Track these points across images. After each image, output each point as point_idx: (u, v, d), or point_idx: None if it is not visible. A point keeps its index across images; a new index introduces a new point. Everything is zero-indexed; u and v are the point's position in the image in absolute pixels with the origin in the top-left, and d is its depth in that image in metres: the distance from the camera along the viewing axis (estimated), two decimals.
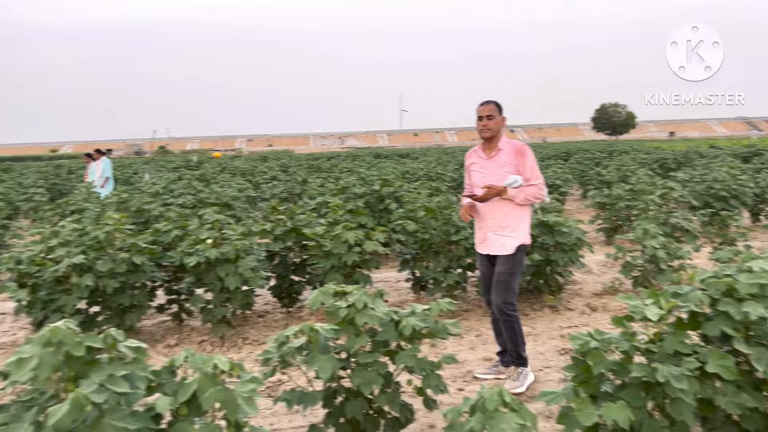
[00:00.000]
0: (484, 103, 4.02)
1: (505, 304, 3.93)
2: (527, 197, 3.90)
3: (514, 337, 3.98)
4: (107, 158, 13.16)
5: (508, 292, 3.94)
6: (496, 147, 4.00)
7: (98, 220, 7.45)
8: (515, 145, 4.00)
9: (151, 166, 18.59)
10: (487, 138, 4.00)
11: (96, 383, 1.93)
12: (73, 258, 4.47)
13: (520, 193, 3.88)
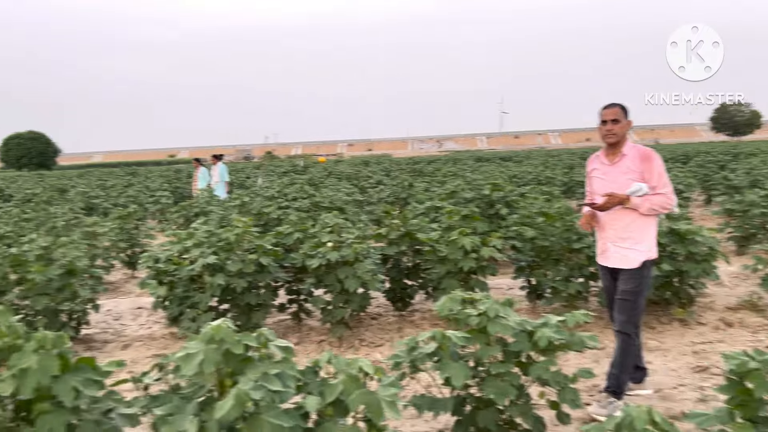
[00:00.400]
0: (608, 105, 3.77)
1: (627, 325, 3.67)
2: (653, 207, 3.60)
3: (624, 361, 3.70)
4: (222, 163, 13.92)
5: (632, 313, 3.67)
6: (620, 152, 3.74)
7: (222, 222, 7.92)
8: (641, 151, 3.72)
9: (263, 170, 19.46)
10: (612, 144, 3.76)
11: (252, 381, 2.03)
12: (207, 258, 4.76)
13: (645, 202, 3.59)
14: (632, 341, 3.71)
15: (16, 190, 19.00)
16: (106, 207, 13.16)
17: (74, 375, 2.01)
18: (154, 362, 2.72)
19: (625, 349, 3.70)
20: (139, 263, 8.49)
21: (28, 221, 9.93)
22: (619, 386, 3.73)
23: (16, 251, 5.11)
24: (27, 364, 1.90)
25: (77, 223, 10.38)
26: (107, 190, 17.08)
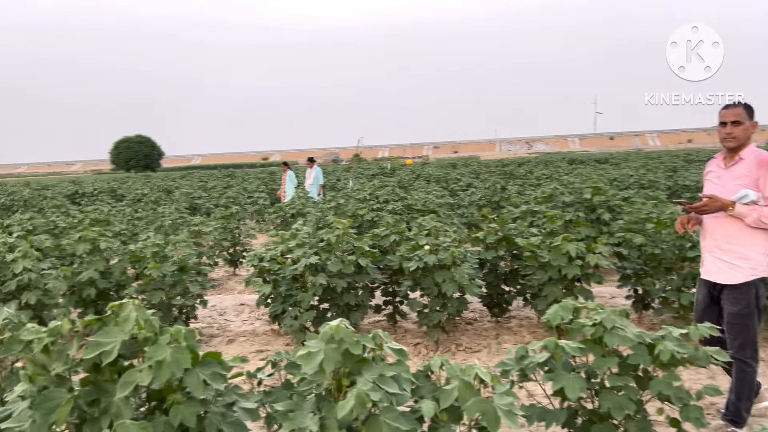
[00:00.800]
0: (730, 105, 3.43)
1: (742, 351, 3.34)
2: (761, 219, 3.21)
3: (740, 389, 3.38)
4: (318, 167, 14.28)
5: (745, 338, 3.33)
6: (738, 156, 3.41)
7: (318, 224, 8.12)
8: (760, 156, 3.33)
9: (353, 173, 19.80)
10: (732, 148, 3.42)
11: (370, 382, 2.05)
12: (309, 258, 4.88)
13: (753, 212, 3.22)
14: (749, 368, 3.36)
15: (126, 191, 20.44)
16: (209, 207, 13.86)
17: (202, 368, 2.11)
18: (267, 358, 2.82)
19: (742, 377, 3.37)
20: (241, 261, 8.91)
21: (140, 220, 10.65)
22: (738, 415, 3.42)
23: (134, 248, 5.47)
24: (162, 357, 2.02)
25: (183, 222, 11.02)
26: (208, 191, 17.98)
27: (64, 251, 6.07)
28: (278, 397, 2.59)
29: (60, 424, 1.98)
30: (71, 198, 19.04)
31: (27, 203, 15.85)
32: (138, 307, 2.14)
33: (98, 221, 8.92)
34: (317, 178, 13.90)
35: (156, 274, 5.03)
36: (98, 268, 5.21)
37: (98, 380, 2.16)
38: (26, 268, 5.12)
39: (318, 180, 13.87)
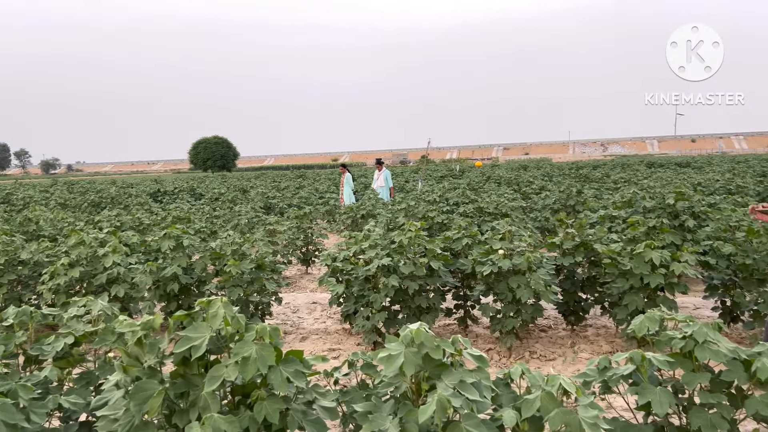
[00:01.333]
0: None
1: None
2: None
3: None
4: (386, 169, 14.33)
5: None
6: None
7: (390, 225, 8.15)
8: None
9: (421, 174, 19.78)
10: None
11: (450, 387, 2.03)
12: (382, 260, 4.91)
13: None
14: None
15: (204, 190, 21.27)
16: (282, 207, 14.21)
17: (285, 366, 2.15)
18: (345, 358, 2.85)
19: None
20: (314, 260, 9.08)
21: (217, 218, 11.05)
22: None
23: (215, 246, 5.67)
24: (248, 353, 2.08)
25: (258, 221, 11.36)
26: (282, 191, 18.44)
27: (150, 247, 6.38)
28: (354, 397, 2.62)
29: (152, 414, 2.07)
30: (154, 196, 20.02)
31: (114, 200, 16.79)
32: (225, 304, 2.21)
33: (180, 219, 9.32)
34: (387, 180, 13.95)
35: (235, 271, 5.20)
36: (181, 264, 5.44)
37: (187, 373, 2.25)
38: (115, 262, 5.43)
39: (388, 182, 13.91)
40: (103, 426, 2.25)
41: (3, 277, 5.64)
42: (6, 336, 2.96)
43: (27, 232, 8.87)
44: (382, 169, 14.05)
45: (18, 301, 5.77)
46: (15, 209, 16.99)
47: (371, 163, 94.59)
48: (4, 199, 20.52)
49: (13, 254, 5.89)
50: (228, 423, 1.96)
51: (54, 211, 11.92)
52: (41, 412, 2.43)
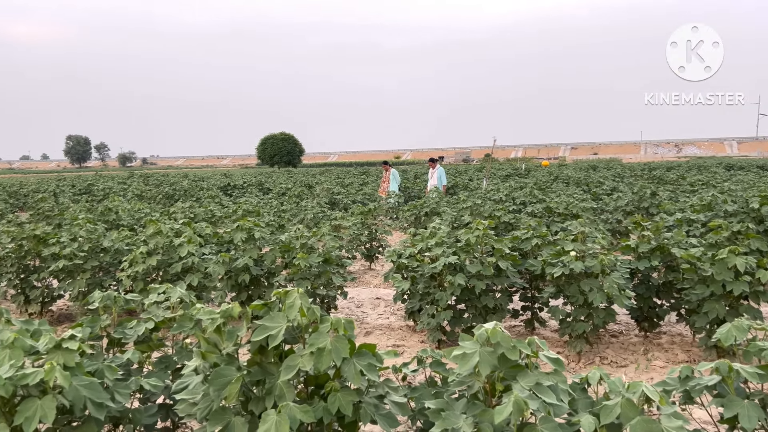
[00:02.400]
0: None
1: None
2: None
3: None
4: (441, 166, 14.14)
5: None
6: None
7: (455, 223, 8.08)
8: None
9: (486, 173, 19.53)
10: None
11: (526, 389, 1.99)
12: (448, 258, 4.87)
13: None
14: None
15: (272, 185, 21.79)
16: (346, 203, 14.37)
17: (359, 359, 2.17)
18: (415, 354, 2.84)
19: None
20: (377, 256, 9.13)
21: (284, 212, 11.28)
22: None
23: (285, 239, 5.79)
24: (323, 344, 2.10)
25: (323, 216, 11.52)
26: (346, 187, 18.65)
27: (222, 238, 6.59)
28: (423, 394, 2.60)
29: (230, 400, 2.13)
30: (224, 189, 20.68)
31: (186, 193, 17.45)
32: (302, 295, 2.24)
33: (249, 212, 9.58)
34: (440, 178, 13.78)
35: (304, 264, 5.29)
36: (252, 256, 5.58)
37: (263, 362, 2.30)
38: (190, 252, 5.63)
39: (441, 181, 13.75)
40: (182, 409, 2.33)
41: (87, 263, 5.96)
42: (92, 318, 3.12)
43: (107, 221, 9.35)
44: (436, 167, 13.92)
45: (99, 287, 6.07)
46: (96, 199, 17.95)
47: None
48: (86, 189, 21.73)
49: (96, 242, 6.21)
50: (303, 412, 1.99)
51: (131, 202, 12.50)
52: (125, 393, 2.54)
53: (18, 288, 6.41)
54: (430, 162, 14.21)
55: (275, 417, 1.97)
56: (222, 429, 2.14)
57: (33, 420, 2.15)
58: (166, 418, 3.03)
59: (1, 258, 6.40)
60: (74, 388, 2.27)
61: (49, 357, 2.39)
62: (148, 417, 2.77)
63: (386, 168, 14.99)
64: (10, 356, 2.35)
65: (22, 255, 6.32)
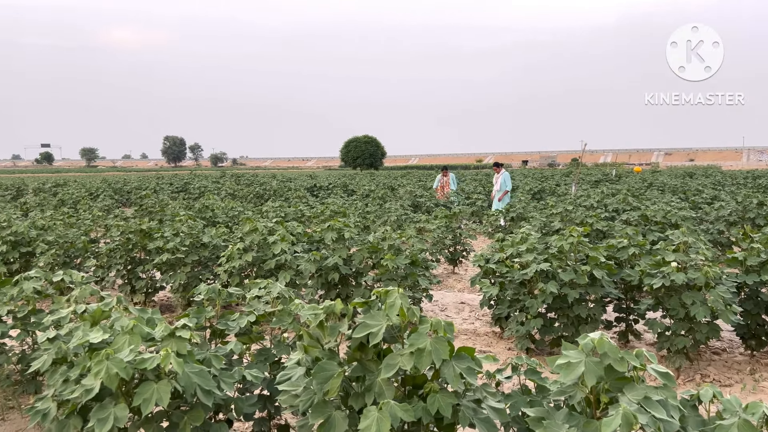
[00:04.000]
0: None
1: None
2: None
3: None
4: (506, 172, 13.66)
5: None
6: None
7: (544, 229, 7.89)
8: None
9: (574, 178, 18.93)
10: None
11: (634, 402, 1.92)
12: (540, 264, 4.76)
13: None
14: None
15: (356, 186, 22.15)
16: (429, 206, 14.37)
17: (457, 361, 2.17)
18: (508, 360, 2.81)
19: None
20: (461, 260, 9.07)
21: (369, 213, 11.43)
22: None
23: (373, 240, 5.87)
24: (423, 345, 2.12)
25: (406, 218, 11.59)
26: (428, 190, 18.66)
27: (312, 237, 6.78)
28: (518, 401, 2.56)
29: (332, 394, 2.19)
30: (310, 190, 21.24)
31: (276, 193, 18.07)
32: (402, 295, 2.27)
33: (336, 213, 9.79)
34: (504, 183, 13.40)
35: (392, 265, 5.35)
36: (342, 255, 5.70)
37: (362, 359, 2.35)
38: (283, 249, 5.83)
39: (504, 185, 13.36)
40: (284, 400, 2.42)
41: (188, 257, 6.31)
42: (198, 310, 3.30)
43: (204, 218, 9.84)
44: (501, 172, 13.56)
45: (197, 280, 6.41)
46: (192, 197, 18.95)
47: (516, 164, 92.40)
48: (182, 187, 22.99)
49: (196, 237, 6.56)
50: (404, 411, 2.02)
51: (225, 201, 13.10)
52: (229, 382, 2.67)
53: (125, 278, 6.88)
54: (495, 167, 13.87)
55: (376, 413, 2.00)
56: (323, 422, 2.20)
57: (150, 402, 2.30)
58: (263, 408, 3.16)
59: (111, 250, 6.89)
60: (186, 375, 2.41)
61: (164, 344, 2.55)
62: (249, 406, 2.89)
63: (445, 173, 16.43)
64: (129, 341, 2.53)
65: (130, 248, 6.77)
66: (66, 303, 3.54)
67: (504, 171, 13.53)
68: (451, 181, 16.15)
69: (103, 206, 14.86)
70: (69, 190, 18.78)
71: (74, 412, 2.61)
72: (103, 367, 2.31)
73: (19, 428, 3.90)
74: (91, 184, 23.91)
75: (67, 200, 15.63)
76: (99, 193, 19.45)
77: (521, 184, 20.73)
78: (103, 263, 6.87)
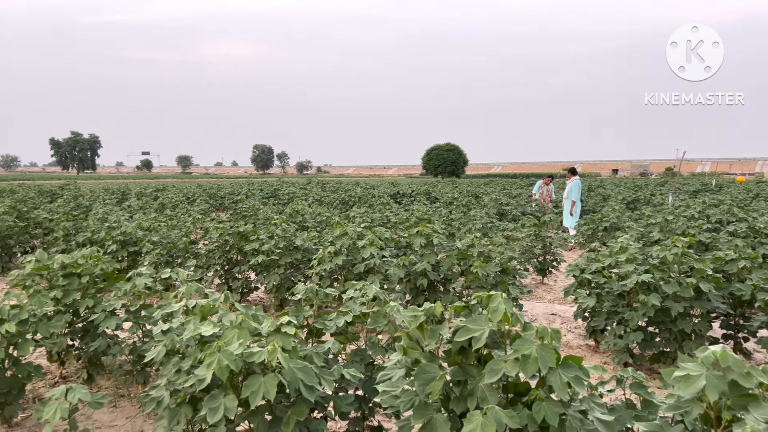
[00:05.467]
0: None
1: None
2: None
3: None
4: (577, 179, 12.97)
5: None
6: None
7: (641, 239, 7.54)
8: None
9: (671, 187, 17.96)
10: None
11: (762, 421, 1.79)
12: (641, 275, 4.55)
13: None
14: None
15: (438, 194, 22.11)
16: (515, 214, 14.10)
17: (564, 370, 2.10)
18: (612, 374, 2.70)
19: None
20: (551, 271, 8.83)
21: (453, 221, 11.37)
22: None
23: (461, 246, 5.83)
24: (528, 351, 2.08)
25: (491, 226, 11.43)
26: (514, 198, 18.31)
27: (399, 243, 6.82)
28: (623, 415, 2.45)
29: (434, 396, 2.19)
30: (393, 197, 21.41)
31: (360, 199, 18.35)
32: (505, 300, 2.24)
33: (421, 219, 9.81)
34: (570, 192, 12.72)
35: (481, 272, 5.29)
36: (430, 261, 5.70)
37: (463, 363, 2.33)
38: (372, 254, 5.90)
39: (571, 194, 12.68)
40: (385, 400, 2.44)
41: (281, 259, 6.52)
42: (296, 309, 3.40)
43: (295, 222, 10.15)
44: (571, 179, 12.96)
45: (290, 281, 6.61)
46: (281, 202, 19.60)
47: (606, 173, 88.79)
48: (272, 193, 23.83)
49: (290, 240, 6.78)
50: (509, 417, 1.98)
51: (313, 206, 13.44)
52: (329, 380, 2.73)
53: (222, 278, 7.20)
54: (569, 173, 13.33)
55: (481, 418, 1.98)
56: (425, 423, 2.20)
57: (258, 394, 2.39)
58: (359, 408, 3.21)
59: (210, 251, 7.24)
60: (291, 370, 2.49)
61: (269, 339, 2.65)
62: (347, 405, 2.94)
63: (547, 182, 15.76)
64: (238, 336, 2.64)
65: (227, 249, 7.09)
66: (174, 299, 3.75)
67: (574, 179, 12.94)
68: (552, 191, 15.63)
69: (200, 210, 15.66)
70: (168, 195, 19.94)
71: (185, 401, 2.76)
72: (215, 358, 2.42)
73: (129, 415, 4.16)
74: (187, 189, 25.27)
75: (167, 204, 16.59)
76: (195, 197, 20.52)
77: (613, 194, 19.92)
78: (202, 263, 7.22)
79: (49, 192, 21.75)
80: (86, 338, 4.41)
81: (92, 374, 4.51)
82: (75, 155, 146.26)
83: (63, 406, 3.28)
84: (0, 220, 9.57)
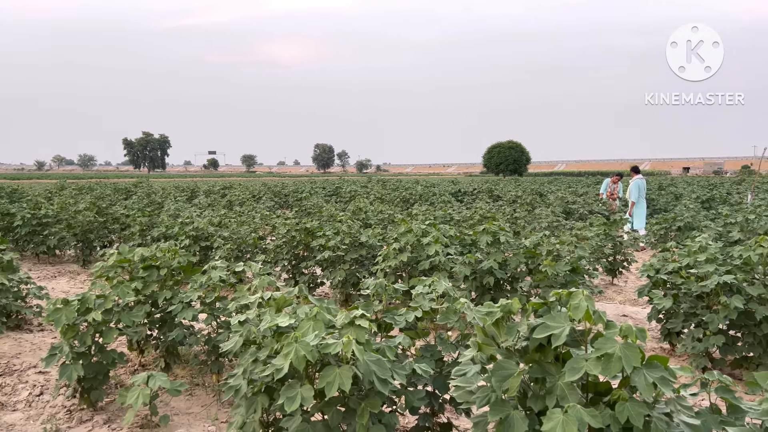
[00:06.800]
0: None
1: None
2: None
3: None
4: (639, 179, 12.37)
5: None
6: None
7: (719, 239, 7.18)
8: None
9: (749, 186, 17.03)
10: None
11: None
12: (723, 276, 4.34)
13: None
14: None
15: (501, 192, 21.81)
16: (582, 213, 13.73)
17: (649, 370, 2.03)
18: (696, 377, 2.58)
19: None
20: (621, 271, 8.54)
21: (518, 219, 11.18)
22: None
23: (529, 245, 5.73)
24: (612, 350, 2.02)
25: (557, 225, 11.16)
26: (581, 196, 17.83)
27: (463, 240, 6.77)
28: (707, 420, 2.35)
29: (511, 393, 2.16)
30: (454, 195, 21.28)
31: (421, 197, 18.34)
32: (587, 297, 2.18)
33: (485, 217, 9.70)
34: (631, 192, 12.16)
35: (551, 272, 5.18)
36: (497, 259, 5.63)
37: (541, 360, 2.29)
38: (437, 251, 5.88)
39: (631, 194, 12.11)
40: (460, 396, 2.43)
41: (347, 255, 6.60)
42: (366, 303, 3.43)
43: (358, 219, 10.24)
44: (633, 178, 12.43)
45: (355, 277, 6.68)
46: (343, 200, 19.84)
47: (677, 171, 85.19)
48: (334, 191, 24.16)
49: (355, 237, 6.85)
50: (591, 416, 1.94)
51: (374, 204, 13.53)
52: (401, 374, 2.74)
53: (289, 273, 7.36)
54: (632, 171, 12.83)
55: (562, 417, 1.94)
56: (501, 420, 2.17)
57: (333, 385, 2.43)
58: (428, 404, 3.20)
59: (278, 246, 7.42)
60: (365, 362, 2.52)
61: (344, 331, 2.69)
62: (418, 400, 2.95)
63: (615, 180, 15.04)
64: (314, 327, 2.69)
65: (294, 245, 7.24)
66: (247, 291, 3.86)
67: (636, 178, 12.43)
68: (620, 189, 14.97)
69: (266, 207, 16.06)
70: (235, 192, 20.55)
71: (261, 390, 2.84)
72: (292, 349, 2.48)
73: (204, 404, 4.31)
74: (253, 187, 25.96)
75: (235, 201, 17.10)
76: (261, 195, 21.05)
77: (686, 192, 19.08)
78: (271, 258, 7.40)
79: (123, 190, 22.82)
80: (164, 328, 4.60)
81: (169, 363, 4.71)
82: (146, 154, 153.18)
83: (145, 392, 3.45)
84: (81, 215, 10.12)
